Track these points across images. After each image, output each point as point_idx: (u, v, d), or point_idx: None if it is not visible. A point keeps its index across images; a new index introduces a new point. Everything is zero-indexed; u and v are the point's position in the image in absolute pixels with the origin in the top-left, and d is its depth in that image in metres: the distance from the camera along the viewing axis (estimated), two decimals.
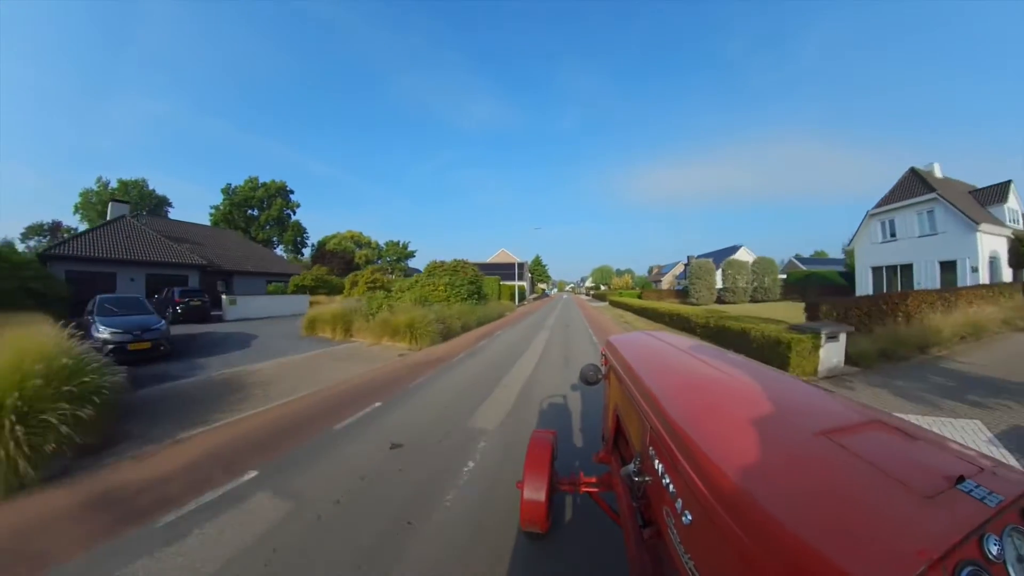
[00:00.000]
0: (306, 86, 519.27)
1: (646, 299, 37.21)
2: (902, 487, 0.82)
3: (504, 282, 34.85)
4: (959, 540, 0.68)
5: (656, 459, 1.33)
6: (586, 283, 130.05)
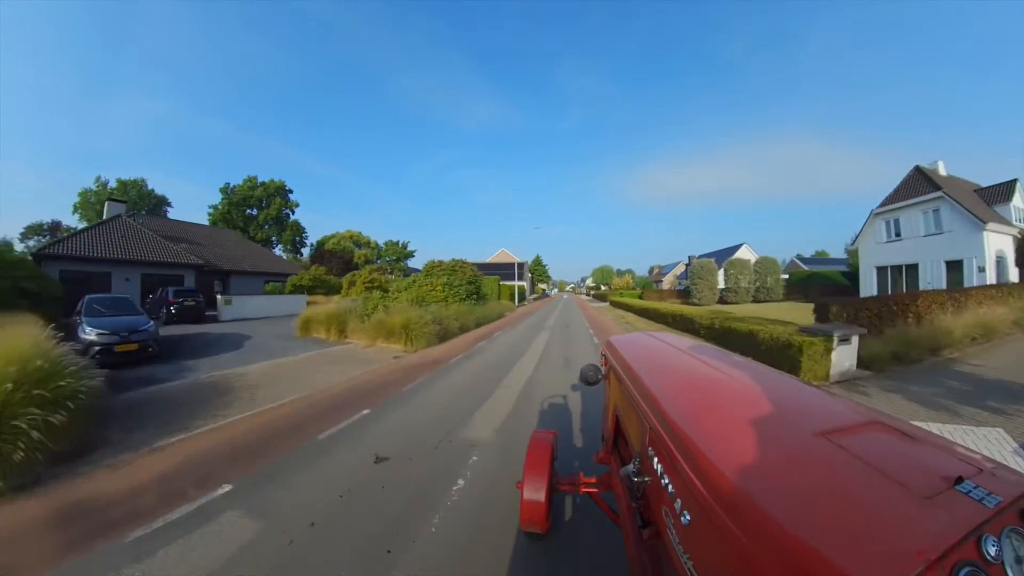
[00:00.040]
0: (306, 86, 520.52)
1: (647, 299, 36.95)
2: (901, 488, 0.81)
3: (504, 282, 34.63)
4: (957, 541, 0.67)
5: (655, 459, 1.32)
6: (586, 283, 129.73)
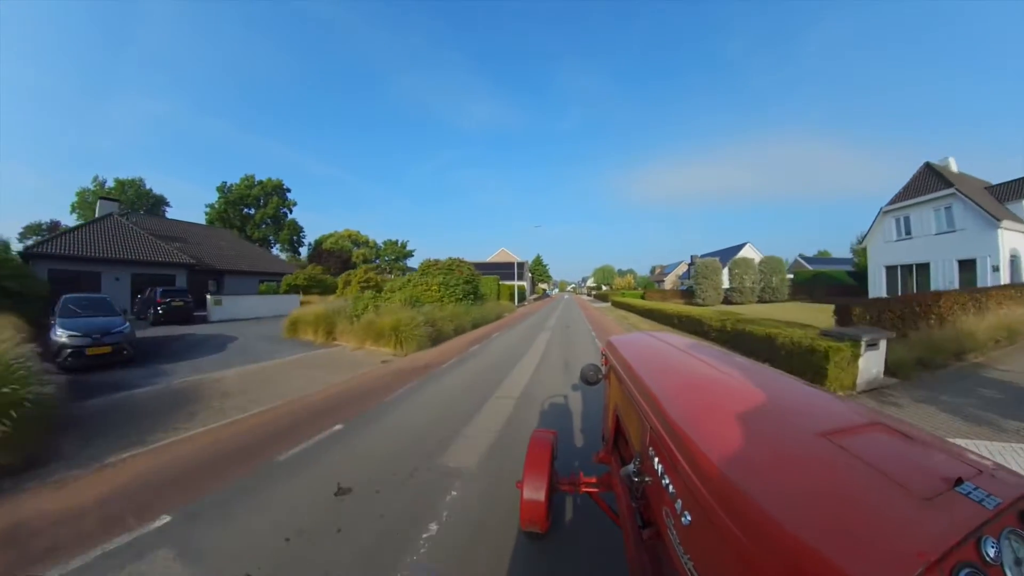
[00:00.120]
0: (305, 85, 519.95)
1: (650, 300, 36.35)
2: (901, 489, 0.80)
3: (504, 282, 34.12)
4: (957, 542, 0.67)
5: (656, 459, 1.31)
6: (587, 283, 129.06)
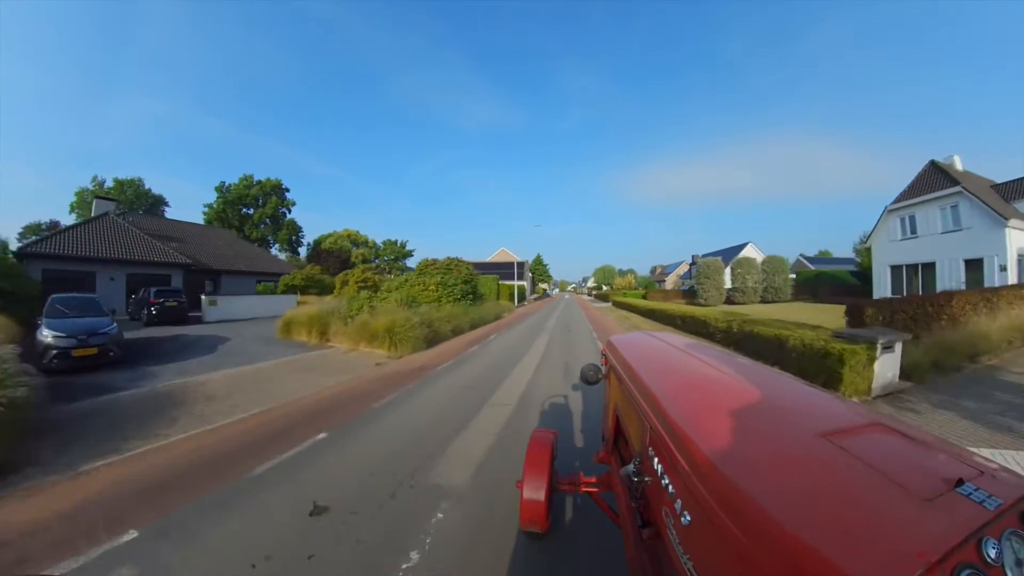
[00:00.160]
0: (305, 85, 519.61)
1: (651, 300, 36.04)
2: (901, 489, 0.79)
3: (504, 282, 33.84)
4: (958, 543, 0.66)
5: (655, 459, 1.30)
6: (588, 283, 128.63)
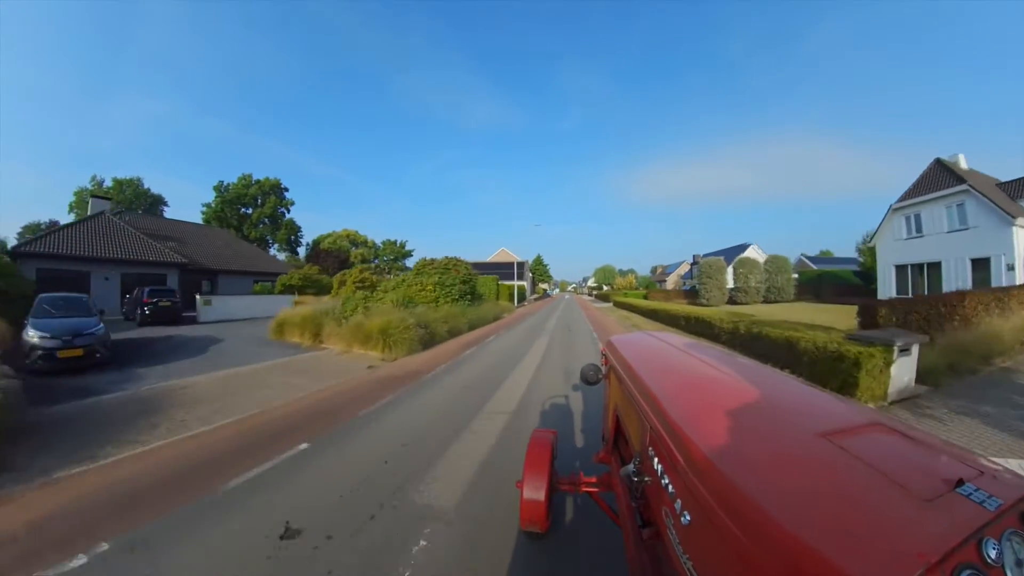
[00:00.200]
0: (305, 85, 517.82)
1: (653, 299, 35.79)
2: (901, 489, 0.79)
3: (503, 282, 33.60)
4: (958, 543, 0.66)
5: (655, 459, 1.30)
6: (588, 283, 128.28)
